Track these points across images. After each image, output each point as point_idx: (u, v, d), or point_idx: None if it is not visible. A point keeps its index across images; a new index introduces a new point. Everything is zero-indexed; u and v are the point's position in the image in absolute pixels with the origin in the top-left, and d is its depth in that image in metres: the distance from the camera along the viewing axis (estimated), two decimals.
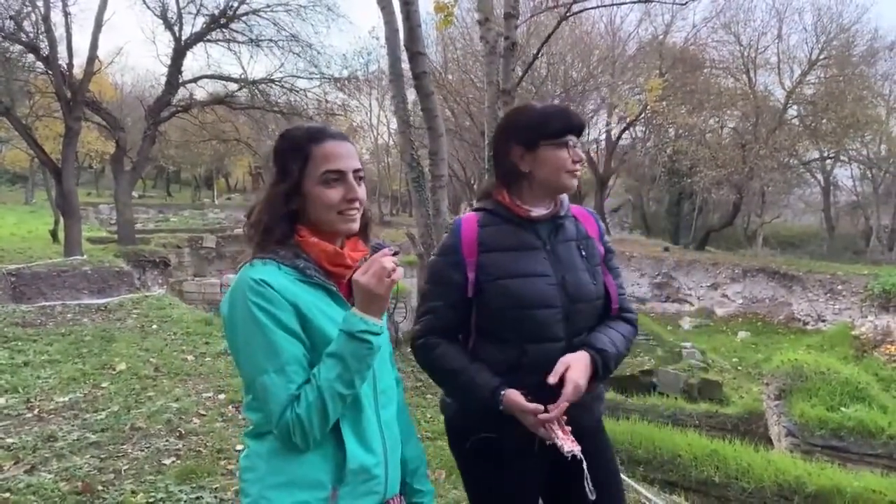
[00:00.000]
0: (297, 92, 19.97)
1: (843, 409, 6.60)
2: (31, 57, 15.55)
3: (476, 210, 1.79)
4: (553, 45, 24.87)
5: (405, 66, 6.22)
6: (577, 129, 1.70)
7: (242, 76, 18.93)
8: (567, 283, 1.67)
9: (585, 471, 1.55)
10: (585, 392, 1.60)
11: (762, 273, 18.86)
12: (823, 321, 17.20)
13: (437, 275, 1.73)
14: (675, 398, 9.38)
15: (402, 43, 5.73)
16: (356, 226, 1.41)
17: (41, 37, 14.04)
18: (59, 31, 14.17)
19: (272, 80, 19.12)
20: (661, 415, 8.11)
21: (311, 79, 19.91)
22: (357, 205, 1.38)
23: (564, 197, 1.76)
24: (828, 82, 21.53)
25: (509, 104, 5.80)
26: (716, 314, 19.00)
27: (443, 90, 25.02)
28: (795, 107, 22.33)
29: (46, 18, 13.61)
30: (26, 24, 14.55)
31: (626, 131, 27.11)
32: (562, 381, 1.57)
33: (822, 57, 21.70)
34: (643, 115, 24.53)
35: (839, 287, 17.28)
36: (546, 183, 1.69)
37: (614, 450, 1.93)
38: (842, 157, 26.33)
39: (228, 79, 19.04)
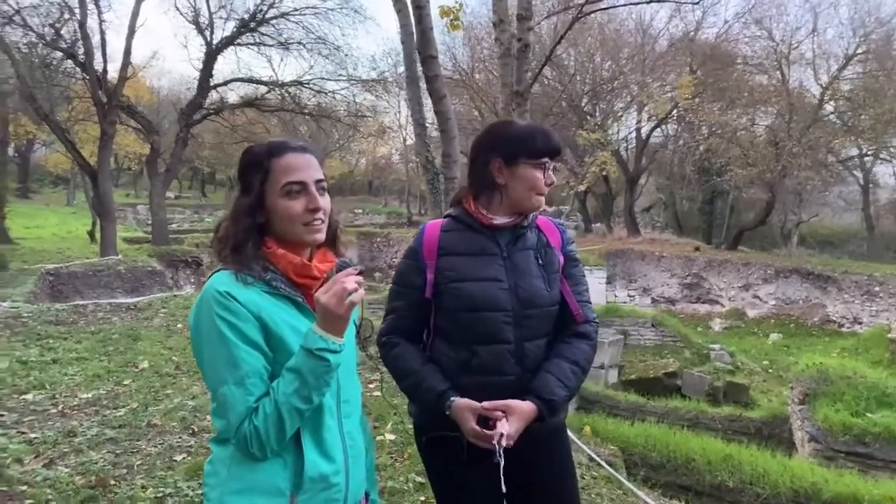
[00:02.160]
0: (326, 94, 20.25)
1: (868, 414, 6.44)
2: (69, 63, 16.10)
3: (445, 216, 1.86)
4: (581, 44, 24.70)
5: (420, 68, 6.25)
6: (555, 152, 1.76)
7: (272, 79, 19.24)
8: (519, 289, 1.72)
9: (501, 471, 1.58)
10: (536, 426, 1.67)
11: (796, 274, 18.40)
12: (859, 323, 16.72)
13: (401, 276, 1.82)
14: (698, 401, 9.24)
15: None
16: (322, 236, 1.43)
17: (78, 43, 14.51)
18: (96, 38, 14.63)
19: (301, 83, 19.40)
20: (681, 418, 8.01)
21: (339, 80, 20.15)
22: (321, 215, 1.40)
23: None
24: (866, 77, 20.89)
25: (522, 106, 5.79)
26: (747, 315, 18.62)
27: (470, 90, 25.08)
28: (832, 103, 21.69)
29: (83, 25, 14.06)
30: (65, 32, 15.05)
31: (658, 129, 26.75)
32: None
33: (859, 51, 21.06)
34: (675, 113, 24.16)
35: (876, 288, 16.78)
36: (517, 199, 1.75)
37: (571, 450, 1.95)
38: (882, 155, 25.51)
39: (258, 81, 19.38)
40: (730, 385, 10.81)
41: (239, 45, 18.51)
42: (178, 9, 17.77)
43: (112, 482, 3.47)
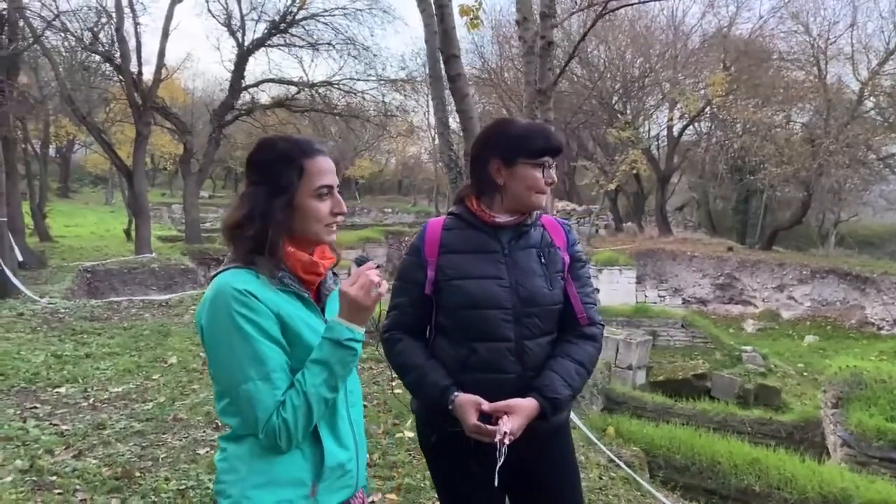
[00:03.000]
0: (356, 94, 20.41)
1: None
2: (107, 66, 16.54)
3: (448, 214, 1.87)
4: (612, 42, 24.44)
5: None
6: (555, 151, 1.76)
7: (302, 79, 19.47)
8: (519, 287, 1.73)
9: (498, 459, 1.58)
10: (538, 424, 1.67)
11: (833, 274, 17.91)
12: None
13: (403, 273, 1.85)
14: (727, 403, 9.07)
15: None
16: (336, 236, 1.50)
17: (115, 47, 14.89)
18: (132, 42, 15.00)
19: (330, 83, 19.58)
20: (709, 420, 7.87)
21: (368, 81, 20.27)
22: (340, 218, 1.47)
23: None
24: None
25: (546, 104, 5.76)
26: (781, 317, 18.19)
27: (498, 88, 25.02)
28: (872, 99, 21.05)
29: (119, 29, 14.41)
30: (102, 36, 15.46)
31: (690, 127, 26.33)
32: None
33: None
34: (707, 111, 23.74)
35: None
36: (517, 199, 1.76)
37: (573, 449, 1.94)
38: None
39: (289, 82, 19.62)
40: (761, 388, 10.59)
41: (270, 46, 18.78)
42: (210, 11, 18.12)
43: (137, 474, 3.56)
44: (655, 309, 15.22)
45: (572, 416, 4.70)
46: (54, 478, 3.46)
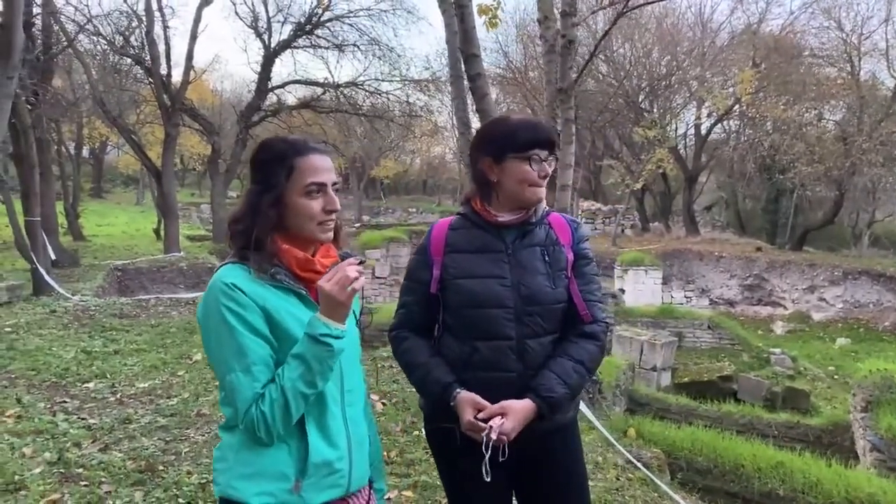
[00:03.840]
0: (381, 95, 20.53)
1: None
2: (137, 69, 16.88)
3: (455, 214, 1.90)
4: (638, 40, 24.18)
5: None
6: (545, 143, 1.74)
7: (328, 80, 19.64)
8: (521, 286, 1.74)
9: (486, 462, 1.60)
10: (537, 424, 1.69)
11: (865, 275, 17.47)
12: None
13: (410, 272, 1.88)
14: (754, 406, 8.91)
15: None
16: (332, 235, 1.51)
17: (145, 50, 15.20)
18: (162, 45, 15.28)
19: (355, 84, 19.72)
20: (735, 423, 7.74)
21: (393, 81, 20.37)
22: (335, 216, 1.48)
23: (542, 203, 1.80)
24: None
25: (566, 103, 5.73)
26: (812, 319, 17.80)
27: (522, 87, 24.92)
28: None
29: (149, 32, 14.71)
30: (133, 39, 15.79)
31: (718, 125, 25.92)
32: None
33: None
34: (736, 109, 23.35)
35: None
36: (511, 194, 1.76)
37: (582, 450, 1.94)
38: None
39: (314, 83, 19.81)
40: (789, 390, 10.38)
41: (295, 47, 19.00)
42: (237, 14, 18.40)
43: (160, 467, 3.65)
44: (681, 310, 15.00)
45: (590, 416, 4.68)
46: (81, 470, 3.56)
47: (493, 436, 1.60)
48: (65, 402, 4.86)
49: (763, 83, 21.28)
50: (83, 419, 4.47)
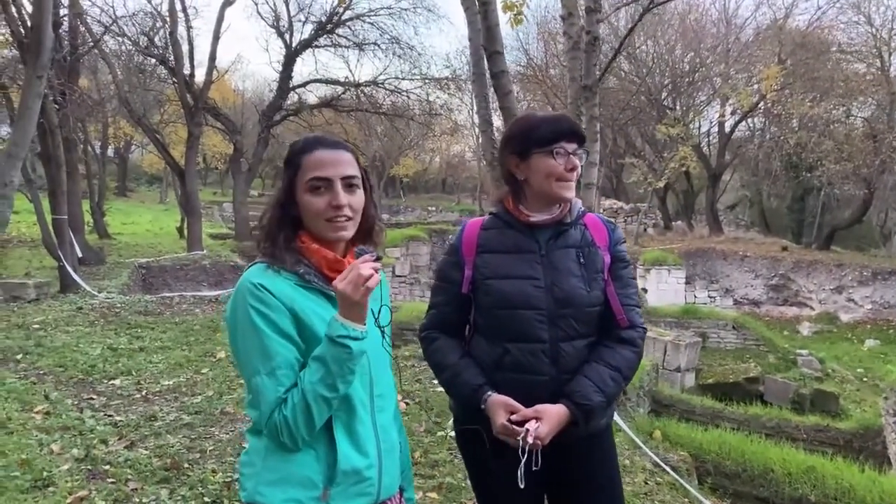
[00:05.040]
0: (401, 93, 20.55)
1: None
2: (161, 69, 17.08)
3: (488, 214, 1.86)
4: (661, 36, 23.91)
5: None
6: (570, 135, 1.69)
7: (348, 79, 19.71)
8: (555, 288, 1.69)
9: (521, 467, 1.57)
10: (571, 430, 1.64)
11: (895, 276, 17.09)
12: None
13: (441, 273, 1.84)
14: (781, 409, 8.75)
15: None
16: (347, 234, 1.43)
17: (169, 50, 15.36)
18: (185, 45, 15.44)
19: (376, 83, 19.77)
20: (762, 426, 7.59)
21: (413, 79, 20.37)
22: (345, 212, 1.40)
23: (576, 203, 1.76)
24: None
25: (591, 100, 5.66)
26: (840, 320, 17.45)
27: (543, 85, 24.78)
28: None
29: (173, 33, 14.86)
30: (157, 40, 15.97)
31: (742, 123, 25.52)
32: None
33: None
34: (761, 106, 22.97)
35: None
36: (540, 191, 1.72)
37: (617, 456, 1.89)
38: None
39: (335, 82, 19.90)
40: (817, 393, 10.17)
41: (316, 47, 19.09)
42: (259, 14, 18.53)
43: (186, 465, 3.65)
44: (705, 310, 14.80)
45: (616, 418, 4.60)
46: (108, 467, 3.58)
47: (530, 440, 1.56)
48: (91, 398, 4.91)
49: (789, 80, 20.90)
50: (109, 416, 4.51)
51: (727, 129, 25.26)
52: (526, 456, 1.56)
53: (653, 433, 5.42)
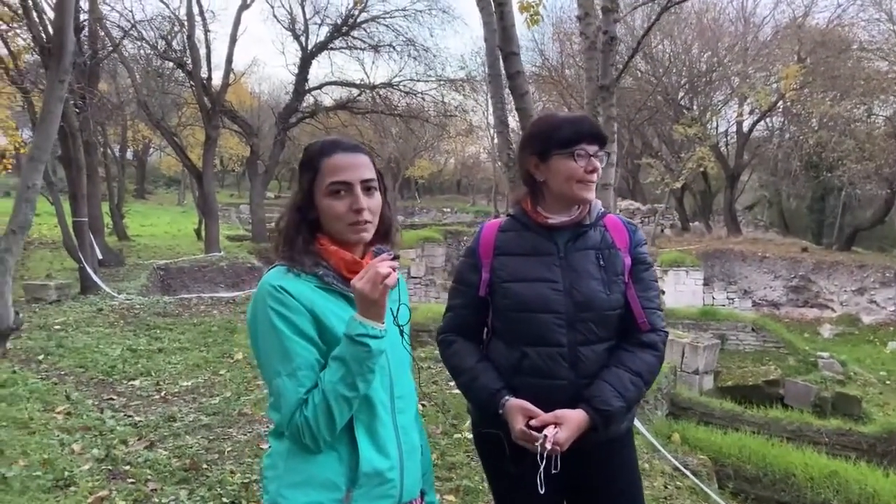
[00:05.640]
0: (416, 95, 20.57)
1: None
2: (179, 72, 17.25)
3: (506, 216, 1.84)
4: (677, 36, 23.71)
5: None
6: (591, 136, 1.67)
7: (364, 81, 19.75)
8: (574, 291, 1.67)
9: (541, 473, 1.55)
10: (591, 435, 1.63)
11: None
12: None
13: (459, 275, 1.83)
14: (802, 412, 8.62)
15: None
16: (367, 235, 1.44)
17: (187, 53, 15.51)
18: (202, 49, 15.59)
19: (391, 85, 19.80)
20: (782, 429, 7.48)
21: (428, 81, 20.38)
22: (365, 215, 1.41)
23: (596, 204, 1.74)
24: None
25: (608, 100, 5.62)
26: (862, 322, 17.17)
27: (559, 86, 24.68)
28: None
29: (190, 36, 15.01)
30: (175, 43, 16.13)
31: (761, 122, 25.21)
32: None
33: None
34: (780, 105, 22.68)
35: None
36: (560, 193, 1.70)
37: (637, 462, 1.87)
38: None
39: (350, 84, 19.95)
40: (839, 396, 10.01)
41: (332, 49, 19.15)
42: (276, 17, 18.65)
43: (204, 466, 3.68)
44: (723, 311, 14.64)
45: (635, 421, 4.56)
46: (128, 467, 3.61)
47: (549, 445, 1.54)
48: (112, 399, 4.97)
49: (808, 78, 20.61)
50: (129, 416, 4.56)
51: (745, 129, 24.95)
52: (545, 461, 1.55)
53: (671, 436, 5.37)
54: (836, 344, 15.45)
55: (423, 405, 4.84)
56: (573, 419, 1.59)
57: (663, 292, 16.39)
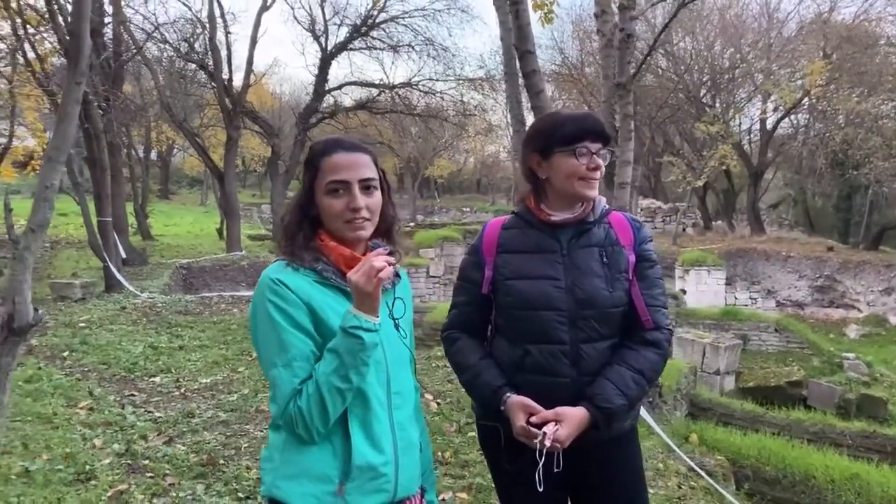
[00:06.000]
0: (435, 94, 20.58)
1: None
2: (201, 74, 17.48)
3: (510, 213, 1.85)
4: (699, 32, 23.43)
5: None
6: (594, 134, 1.66)
7: (383, 81, 19.81)
8: (576, 289, 1.66)
9: (539, 470, 1.56)
10: (592, 433, 1.63)
11: None
12: None
13: (462, 272, 1.85)
14: (825, 413, 8.47)
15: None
16: (365, 233, 1.47)
17: (208, 55, 15.71)
18: (223, 50, 15.76)
19: (410, 84, 19.84)
20: (805, 431, 7.37)
21: (447, 80, 20.38)
22: (363, 213, 1.43)
23: (600, 201, 1.74)
24: None
25: (625, 98, 5.58)
26: (889, 322, 16.82)
27: (579, 84, 24.54)
28: None
29: (212, 38, 15.20)
30: (196, 45, 16.34)
31: (785, 119, 24.81)
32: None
33: None
34: (805, 102, 22.30)
35: None
36: (562, 191, 1.70)
37: (642, 461, 1.86)
38: None
39: (370, 84, 20.03)
40: (864, 398, 9.83)
41: (352, 49, 19.23)
42: (296, 18, 18.77)
43: (221, 461, 3.73)
44: (746, 311, 14.45)
45: (650, 421, 4.53)
46: (147, 462, 3.68)
47: (548, 443, 1.55)
48: (133, 395, 5.06)
49: (835, 74, 20.24)
50: (149, 412, 4.64)
51: (769, 127, 24.59)
52: (544, 459, 1.55)
53: (688, 437, 5.31)
54: (862, 345, 15.16)
55: (438, 403, 4.86)
56: (574, 416, 1.59)
57: (684, 292, 16.23)
